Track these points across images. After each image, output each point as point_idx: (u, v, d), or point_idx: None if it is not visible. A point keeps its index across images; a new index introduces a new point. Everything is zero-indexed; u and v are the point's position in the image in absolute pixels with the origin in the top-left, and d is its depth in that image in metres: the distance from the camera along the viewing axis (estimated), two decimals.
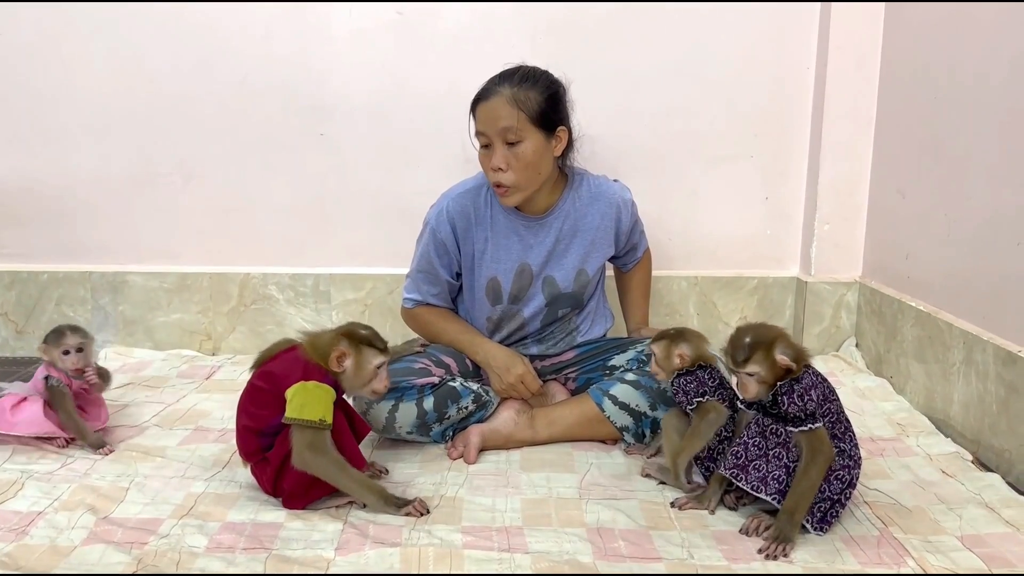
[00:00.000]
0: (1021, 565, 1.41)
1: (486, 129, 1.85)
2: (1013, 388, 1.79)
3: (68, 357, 1.87)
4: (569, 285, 2.01)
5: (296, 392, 1.54)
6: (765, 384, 1.51)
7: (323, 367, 1.57)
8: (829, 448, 1.48)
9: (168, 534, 1.49)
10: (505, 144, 1.84)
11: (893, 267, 2.42)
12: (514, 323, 2.04)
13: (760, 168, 2.65)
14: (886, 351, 2.40)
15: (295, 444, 1.52)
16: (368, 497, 1.58)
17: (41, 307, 2.70)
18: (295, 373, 1.56)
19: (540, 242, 1.99)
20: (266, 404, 1.58)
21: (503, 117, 1.82)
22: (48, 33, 2.56)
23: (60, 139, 2.63)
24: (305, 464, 1.53)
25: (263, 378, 1.60)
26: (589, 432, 1.94)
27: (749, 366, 1.50)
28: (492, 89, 1.84)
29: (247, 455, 1.65)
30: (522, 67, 1.89)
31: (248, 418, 1.61)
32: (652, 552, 1.45)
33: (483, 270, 2.00)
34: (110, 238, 2.70)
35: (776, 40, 2.57)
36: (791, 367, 1.49)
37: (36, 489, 1.65)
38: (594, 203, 2.01)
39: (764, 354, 1.49)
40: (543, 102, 1.85)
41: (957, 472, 1.78)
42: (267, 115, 2.61)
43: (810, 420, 1.48)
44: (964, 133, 2.04)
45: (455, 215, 1.98)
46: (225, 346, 2.73)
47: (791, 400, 1.48)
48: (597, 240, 2.02)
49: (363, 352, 1.60)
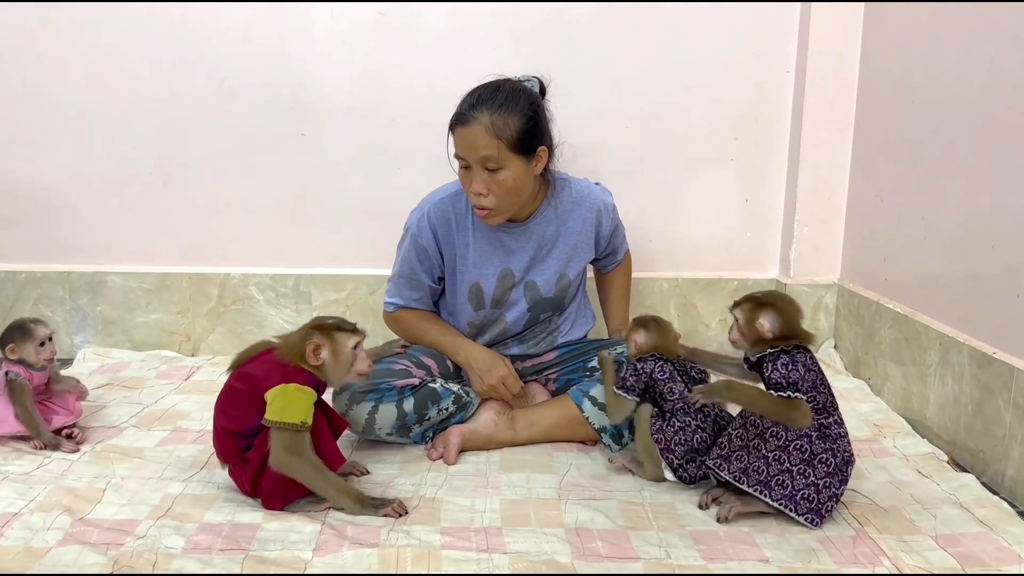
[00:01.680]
0: (995, 564, 1.42)
1: (465, 155, 1.82)
2: (988, 389, 1.81)
3: (44, 348, 1.86)
4: (551, 290, 2.02)
5: (277, 395, 1.53)
6: (742, 337, 1.60)
7: (302, 368, 1.57)
8: (803, 418, 1.52)
9: (145, 535, 1.48)
10: (484, 170, 1.81)
11: (871, 269, 2.44)
12: (496, 328, 2.04)
13: (740, 171, 2.67)
14: (864, 353, 2.42)
15: (273, 446, 1.52)
16: (344, 501, 1.57)
17: (19, 307, 2.68)
18: (274, 375, 1.55)
19: (522, 248, 1.99)
20: (245, 406, 1.57)
21: (482, 146, 1.78)
22: (25, 33, 2.54)
23: (38, 139, 2.61)
24: (282, 466, 1.52)
25: (242, 380, 1.59)
26: (569, 433, 1.94)
27: (735, 311, 1.61)
28: (470, 115, 1.79)
29: (225, 457, 1.64)
30: (501, 87, 1.83)
31: (227, 420, 1.61)
32: (630, 552, 1.45)
33: (465, 275, 2.00)
34: (89, 238, 2.69)
35: (756, 44, 2.59)
36: (765, 336, 1.56)
37: (11, 490, 1.64)
38: (575, 208, 2.01)
39: (751, 308, 1.58)
40: (522, 127, 1.79)
41: (933, 472, 1.79)
42: (247, 115, 2.60)
43: (791, 388, 1.52)
44: (941, 136, 2.06)
45: (436, 221, 1.97)
46: (205, 347, 2.71)
47: (775, 366, 1.54)
48: (579, 245, 2.02)
49: (336, 338, 1.60)
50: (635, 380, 1.74)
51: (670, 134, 2.63)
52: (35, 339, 1.86)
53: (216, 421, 1.63)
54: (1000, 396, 1.77)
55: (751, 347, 1.60)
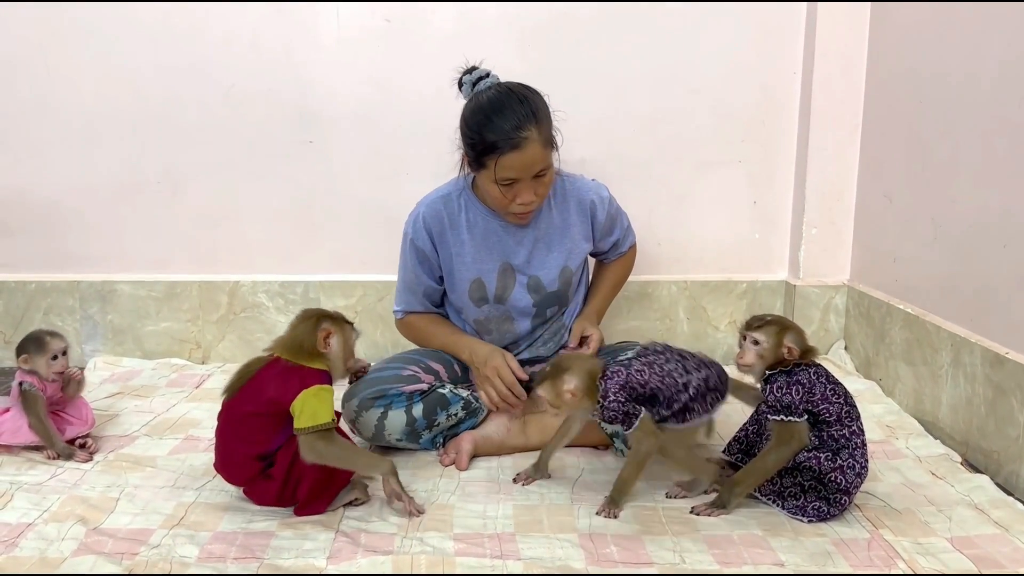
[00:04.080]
0: (1011, 566, 1.42)
1: (520, 175, 1.81)
2: (1001, 389, 1.80)
3: (56, 361, 1.87)
4: (554, 283, 2.02)
5: (305, 401, 1.53)
6: (762, 360, 1.58)
7: (313, 368, 1.57)
8: (798, 443, 1.55)
9: (159, 544, 1.48)
10: (532, 178, 1.83)
11: (881, 270, 2.44)
12: (504, 325, 2.05)
13: (748, 173, 2.66)
14: (875, 354, 2.41)
15: (305, 444, 1.52)
16: (381, 467, 1.60)
17: (29, 317, 2.69)
18: (292, 386, 1.54)
19: (520, 242, 2.00)
20: (269, 427, 1.56)
21: (539, 161, 1.80)
22: (33, 42, 2.55)
23: (47, 149, 2.62)
24: (319, 455, 1.53)
25: (257, 403, 1.56)
26: (581, 438, 1.93)
27: (759, 333, 1.58)
28: (520, 137, 1.76)
29: (244, 480, 1.63)
30: (525, 97, 1.81)
31: (248, 446, 1.58)
32: (644, 557, 1.45)
33: (464, 272, 2.01)
34: (98, 247, 2.69)
35: (763, 45, 2.58)
36: (790, 359, 1.57)
37: (25, 500, 1.64)
38: (568, 201, 2.02)
39: (777, 330, 1.58)
40: (551, 126, 1.84)
41: (946, 474, 1.79)
42: (255, 123, 2.60)
43: (784, 412, 1.54)
44: (950, 137, 2.06)
45: (430, 221, 1.99)
46: (215, 354, 2.72)
47: (771, 389, 1.56)
48: (576, 237, 2.03)
49: (344, 328, 1.64)
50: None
51: (677, 136, 2.63)
52: (48, 352, 1.87)
53: (232, 449, 1.60)
54: (1013, 396, 1.76)
55: (764, 370, 1.60)
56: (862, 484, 1.58)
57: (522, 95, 1.82)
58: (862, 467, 1.56)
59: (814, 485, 1.57)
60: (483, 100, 1.82)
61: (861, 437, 1.57)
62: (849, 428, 1.56)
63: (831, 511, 1.56)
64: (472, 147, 1.83)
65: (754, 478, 1.59)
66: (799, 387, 1.55)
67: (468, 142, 1.85)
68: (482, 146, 1.80)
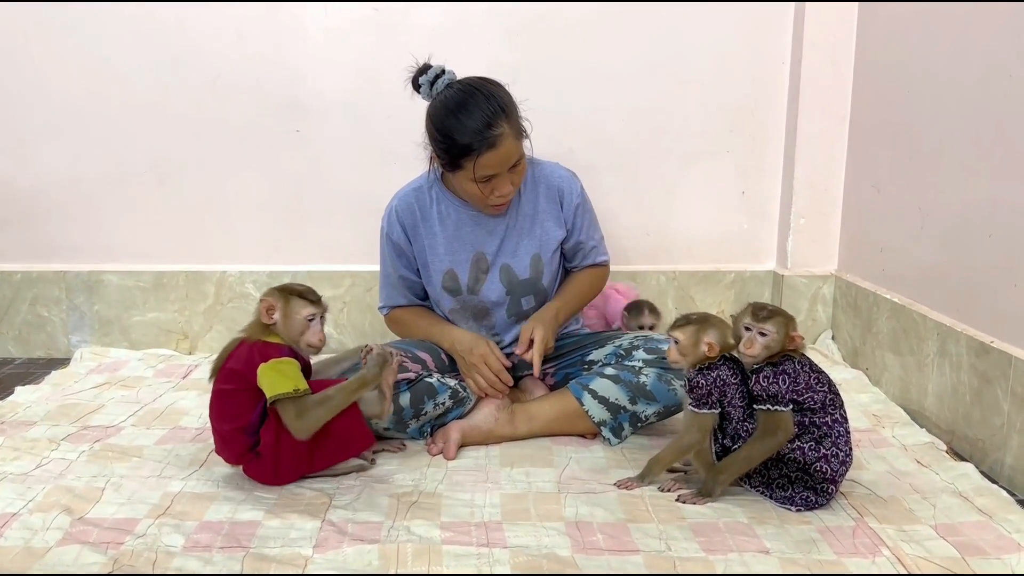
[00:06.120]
0: (994, 553, 1.42)
1: (498, 171, 1.83)
2: (986, 378, 1.81)
3: None
4: (525, 271, 2.03)
5: (263, 373, 1.58)
6: (768, 351, 1.57)
7: (270, 342, 1.62)
8: (783, 434, 1.55)
9: (144, 534, 1.48)
10: (508, 170, 1.85)
11: (868, 260, 2.44)
12: (480, 315, 2.05)
13: (736, 163, 2.67)
14: (862, 343, 2.42)
15: (286, 422, 1.58)
16: (364, 383, 1.64)
17: (15, 308, 2.67)
18: (254, 360, 1.59)
19: (491, 231, 2.01)
20: (242, 401, 1.61)
21: (514, 153, 1.83)
22: (18, 33, 2.53)
23: (32, 139, 2.61)
24: (304, 429, 1.58)
25: (228, 380, 1.63)
26: (568, 427, 1.94)
27: (768, 324, 1.56)
28: (495, 135, 1.77)
29: (237, 458, 1.68)
30: (491, 93, 1.81)
31: (229, 421, 1.64)
32: (630, 544, 1.45)
33: (437, 264, 2.02)
34: (84, 237, 2.68)
35: (751, 36, 2.59)
36: (795, 348, 1.58)
37: (10, 490, 1.64)
38: (538, 187, 2.03)
39: (785, 321, 1.57)
40: (519, 116, 1.85)
41: (932, 462, 1.80)
42: (241, 113, 2.59)
43: (771, 401, 1.54)
44: (937, 128, 2.06)
45: (403, 214, 2.01)
46: (202, 345, 2.71)
47: (757, 379, 1.56)
48: (546, 223, 2.03)
49: (291, 302, 1.65)
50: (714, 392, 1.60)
51: (666, 128, 2.63)
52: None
53: (217, 426, 1.67)
54: (998, 385, 1.77)
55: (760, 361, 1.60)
56: (847, 472, 1.59)
57: (487, 91, 1.82)
58: (846, 455, 1.56)
59: (800, 476, 1.58)
60: (448, 101, 1.82)
61: (844, 425, 1.57)
62: (832, 416, 1.56)
63: (819, 500, 1.57)
64: (446, 151, 1.83)
65: (738, 467, 1.60)
66: (785, 377, 1.55)
67: (441, 146, 1.84)
68: (456, 149, 1.80)
